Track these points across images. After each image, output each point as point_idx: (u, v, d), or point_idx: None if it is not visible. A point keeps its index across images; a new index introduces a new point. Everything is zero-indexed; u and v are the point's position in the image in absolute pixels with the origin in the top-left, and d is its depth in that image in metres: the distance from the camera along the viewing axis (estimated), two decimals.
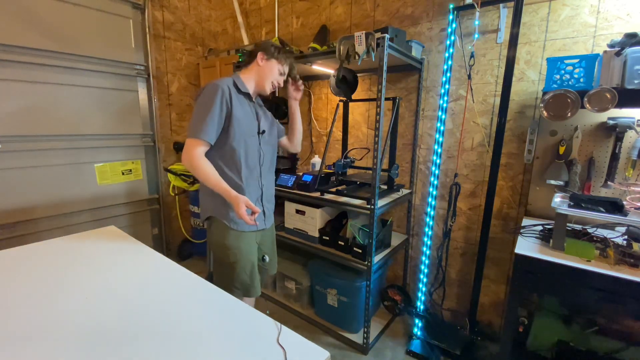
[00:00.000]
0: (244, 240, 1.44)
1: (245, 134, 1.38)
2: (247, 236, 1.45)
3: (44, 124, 2.12)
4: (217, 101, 1.28)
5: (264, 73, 1.43)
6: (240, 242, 1.43)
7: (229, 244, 1.41)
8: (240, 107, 1.36)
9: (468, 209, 2.02)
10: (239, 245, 1.42)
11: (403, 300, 2.20)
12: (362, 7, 2.27)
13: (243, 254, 1.43)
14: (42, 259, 1.24)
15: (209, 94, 1.29)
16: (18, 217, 2.08)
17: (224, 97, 1.30)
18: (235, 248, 1.42)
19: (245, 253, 1.44)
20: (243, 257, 1.43)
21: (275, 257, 1.71)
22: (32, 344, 0.77)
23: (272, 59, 1.42)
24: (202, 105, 1.29)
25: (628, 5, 1.47)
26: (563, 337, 1.61)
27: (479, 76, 1.88)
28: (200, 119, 1.28)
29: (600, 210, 1.25)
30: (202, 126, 1.27)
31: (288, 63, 1.48)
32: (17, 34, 1.95)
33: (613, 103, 1.32)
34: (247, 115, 1.40)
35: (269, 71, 1.42)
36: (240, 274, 1.44)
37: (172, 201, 2.92)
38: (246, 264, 1.44)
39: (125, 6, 2.42)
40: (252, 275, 1.46)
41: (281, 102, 2.68)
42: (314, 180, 1.96)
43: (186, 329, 0.84)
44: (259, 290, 1.50)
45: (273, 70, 1.42)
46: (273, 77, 1.43)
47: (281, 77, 1.47)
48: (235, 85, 1.38)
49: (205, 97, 1.30)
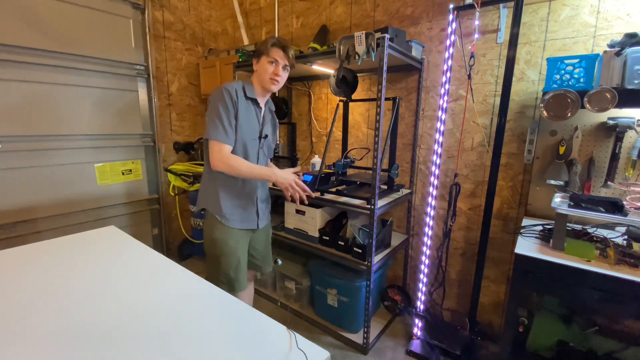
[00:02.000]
0: (232, 236, 1.49)
1: (246, 137, 1.43)
2: (236, 233, 1.50)
3: (44, 124, 2.12)
4: (228, 106, 1.36)
5: (259, 74, 1.45)
6: (228, 237, 1.48)
7: (216, 237, 1.47)
8: (245, 111, 1.42)
9: (468, 209, 2.02)
10: (226, 240, 1.47)
11: (403, 300, 2.20)
12: (362, 7, 2.27)
13: (230, 248, 1.48)
14: (42, 259, 1.24)
15: (221, 97, 1.36)
16: (18, 217, 2.08)
17: (232, 99, 1.37)
18: (222, 241, 1.47)
19: (233, 248, 1.49)
20: (230, 251, 1.48)
21: (269, 255, 1.77)
22: (32, 343, 0.77)
23: (261, 57, 1.43)
24: (215, 109, 1.35)
25: (628, 5, 1.47)
26: (563, 337, 1.61)
27: (479, 76, 1.88)
28: (218, 122, 1.34)
29: (600, 210, 1.25)
30: (220, 129, 1.34)
31: (274, 48, 1.41)
32: (17, 34, 1.95)
33: (613, 103, 1.32)
34: (251, 120, 1.46)
35: (263, 70, 1.43)
36: (225, 268, 1.49)
37: (172, 201, 2.92)
38: (232, 258, 1.49)
39: (125, 6, 2.42)
40: (237, 270, 1.51)
41: (281, 102, 2.68)
42: (314, 180, 1.96)
43: (186, 329, 0.84)
44: (244, 285, 1.54)
45: (265, 67, 1.42)
46: (267, 73, 1.42)
47: (273, 65, 1.42)
48: (243, 90, 1.43)
49: (217, 101, 1.36)
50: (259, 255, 1.69)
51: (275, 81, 1.44)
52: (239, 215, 1.51)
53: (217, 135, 1.33)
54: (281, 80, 1.46)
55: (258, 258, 1.69)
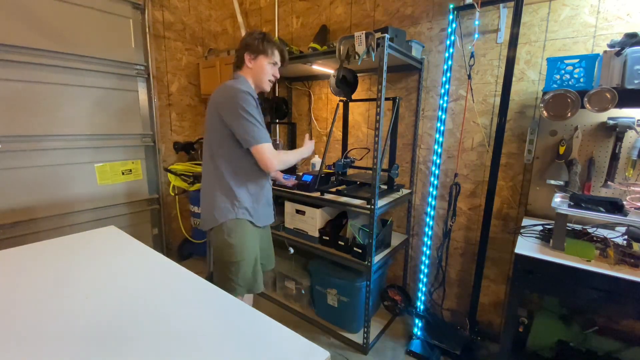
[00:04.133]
0: (252, 237, 1.47)
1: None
2: (255, 232, 1.50)
3: (44, 124, 2.12)
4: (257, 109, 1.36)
5: (257, 73, 1.39)
6: (246, 239, 1.45)
7: (234, 242, 1.43)
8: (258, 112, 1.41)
9: (468, 209, 2.02)
10: (245, 243, 1.45)
11: (403, 300, 2.20)
12: (362, 7, 2.27)
13: (249, 251, 1.46)
14: (42, 259, 1.24)
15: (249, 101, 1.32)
16: (18, 217, 2.08)
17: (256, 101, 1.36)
18: (241, 245, 1.44)
19: (252, 250, 1.47)
20: (249, 253, 1.46)
21: (272, 252, 1.77)
22: (32, 343, 0.77)
23: (259, 56, 1.37)
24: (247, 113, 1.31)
25: (628, 5, 1.47)
26: (563, 337, 1.61)
27: (479, 76, 1.88)
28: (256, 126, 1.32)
29: (600, 210, 1.25)
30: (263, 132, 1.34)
31: (276, 49, 1.40)
32: (17, 34, 1.95)
33: (613, 103, 1.32)
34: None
35: (261, 70, 1.38)
36: (245, 271, 1.46)
37: (172, 201, 2.92)
38: (251, 261, 1.47)
39: (125, 6, 2.42)
40: (256, 271, 1.50)
41: (281, 102, 2.68)
42: (314, 180, 1.96)
43: (186, 329, 0.84)
44: (262, 285, 1.53)
45: (265, 68, 1.38)
46: (267, 75, 1.39)
47: (275, 67, 1.41)
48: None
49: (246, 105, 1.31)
50: (264, 252, 1.66)
51: (272, 82, 1.44)
52: (264, 213, 1.51)
53: (264, 138, 1.33)
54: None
55: (263, 256, 1.66)
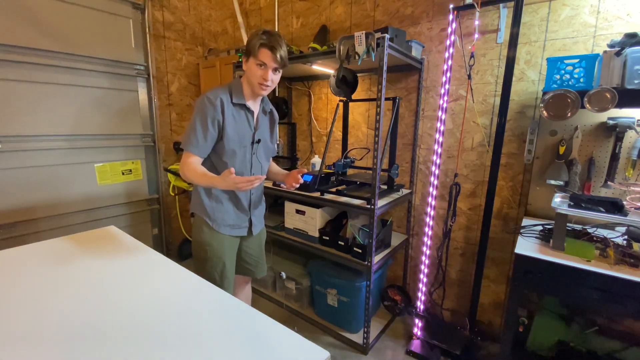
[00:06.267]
0: (218, 240, 1.44)
1: (234, 146, 1.36)
2: (223, 237, 1.45)
3: (44, 124, 2.12)
4: (208, 119, 1.29)
5: (248, 77, 1.33)
6: (213, 240, 1.43)
7: (202, 240, 1.43)
8: (232, 119, 1.34)
9: (468, 209, 2.02)
10: (211, 243, 1.43)
11: (403, 300, 2.20)
12: (362, 7, 2.27)
13: (215, 252, 1.44)
14: (42, 259, 1.24)
15: (202, 108, 1.29)
16: (18, 217, 2.08)
17: (214, 110, 1.29)
18: (207, 244, 1.43)
19: (218, 252, 1.44)
20: (215, 255, 1.44)
21: (263, 260, 1.69)
22: (31, 344, 0.77)
23: (250, 58, 1.29)
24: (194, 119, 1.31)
25: (628, 5, 1.47)
26: (563, 337, 1.61)
27: (479, 76, 1.88)
28: (192, 133, 1.30)
29: (600, 210, 1.25)
30: (192, 140, 1.30)
31: (262, 49, 1.24)
32: (17, 34, 1.95)
33: (613, 103, 1.32)
34: (240, 127, 1.37)
35: (250, 73, 1.30)
36: (210, 272, 1.45)
37: (172, 201, 2.92)
38: (217, 262, 1.45)
39: (125, 6, 2.42)
40: (223, 275, 1.46)
41: (281, 102, 2.68)
42: (314, 180, 1.96)
43: (186, 329, 0.84)
44: (229, 291, 1.47)
45: (253, 70, 1.29)
46: (256, 77, 1.29)
47: (263, 69, 1.27)
48: (230, 96, 1.34)
49: (198, 112, 1.30)
50: (252, 260, 1.62)
51: (265, 86, 1.30)
52: (228, 221, 1.45)
53: (187, 146, 1.31)
54: (272, 84, 1.32)
55: (251, 263, 1.62)
